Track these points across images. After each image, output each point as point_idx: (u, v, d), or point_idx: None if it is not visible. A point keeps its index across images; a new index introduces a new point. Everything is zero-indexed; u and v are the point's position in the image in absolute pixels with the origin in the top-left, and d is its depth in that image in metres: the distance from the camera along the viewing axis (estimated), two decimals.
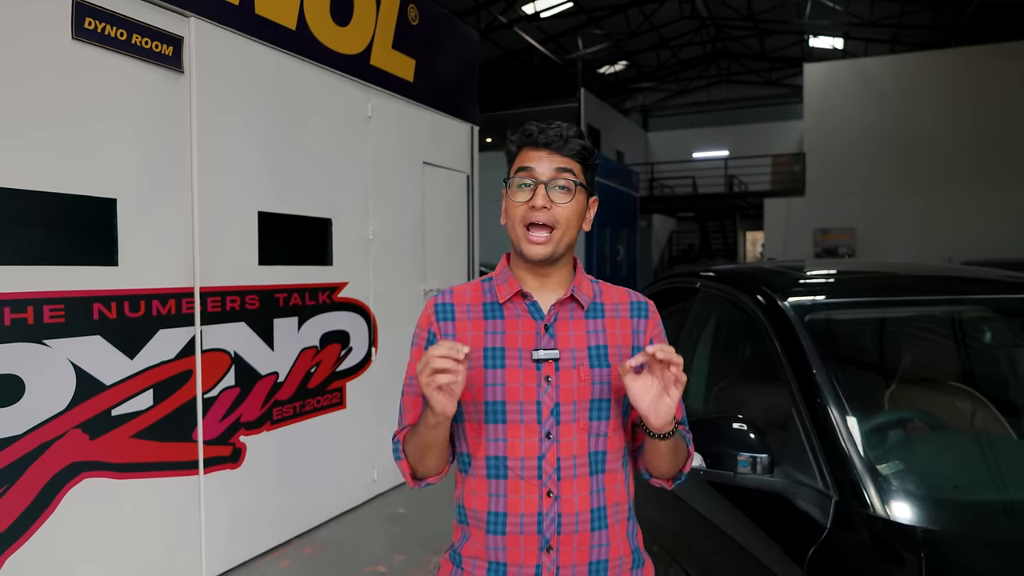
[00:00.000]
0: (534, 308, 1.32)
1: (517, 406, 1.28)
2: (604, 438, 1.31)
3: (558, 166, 1.27)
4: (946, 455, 1.76)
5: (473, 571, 1.31)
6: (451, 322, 1.32)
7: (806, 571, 1.53)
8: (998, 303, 2.24)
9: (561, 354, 1.29)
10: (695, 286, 2.79)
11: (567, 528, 1.28)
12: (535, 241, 1.26)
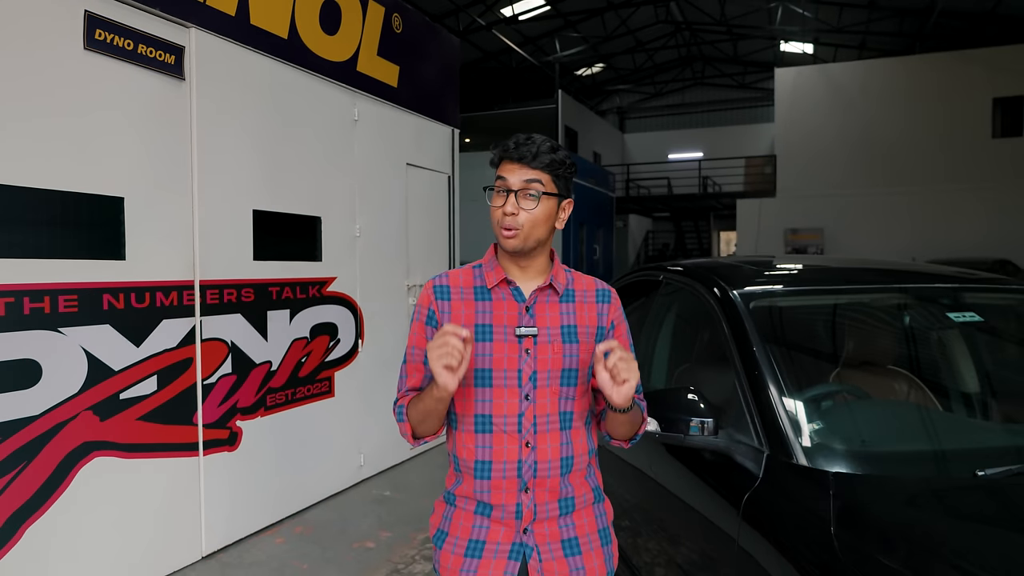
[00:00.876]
0: (517, 293, 1.59)
1: (502, 373, 1.55)
2: (572, 401, 1.59)
3: (527, 177, 1.52)
4: (859, 418, 2.07)
5: (464, 508, 1.58)
6: (447, 301, 1.59)
7: (741, 514, 1.82)
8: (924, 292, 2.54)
9: (539, 332, 1.57)
10: (659, 278, 3.08)
11: (542, 473, 1.55)
12: (507, 237, 1.53)
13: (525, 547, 1.56)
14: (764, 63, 25.07)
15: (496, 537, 1.56)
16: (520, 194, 1.52)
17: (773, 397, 1.95)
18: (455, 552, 1.57)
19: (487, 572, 1.54)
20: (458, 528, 1.58)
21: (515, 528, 1.55)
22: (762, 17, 20.96)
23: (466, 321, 1.56)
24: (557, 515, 1.58)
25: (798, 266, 3.05)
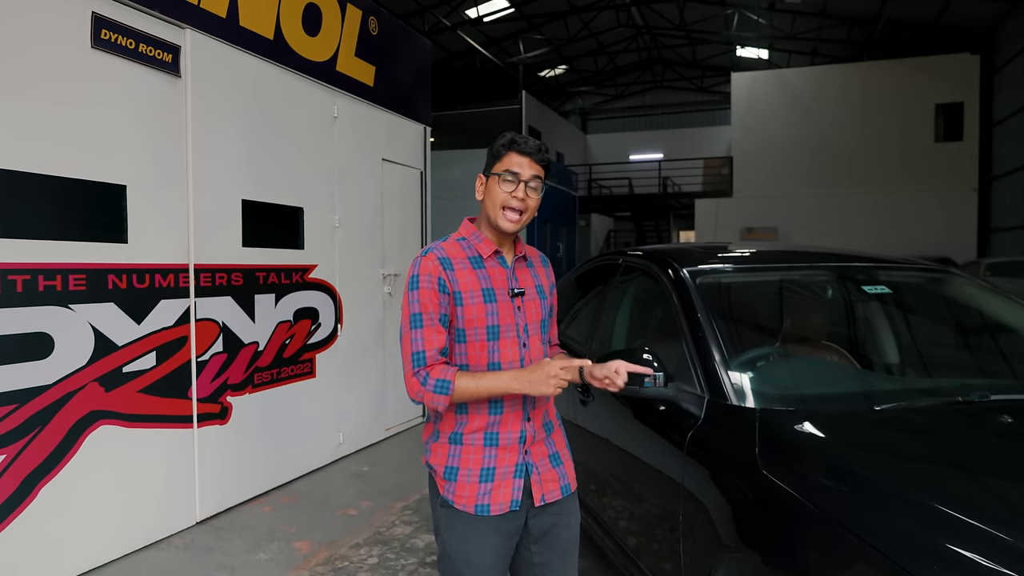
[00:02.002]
0: (503, 261, 1.93)
1: (506, 328, 1.88)
2: (547, 344, 2.00)
3: (535, 171, 1.86)
4: (782, 370, 2.45)
5: (473, 443, 1.88)
6: (453, 271, 1.86)
7: (685, 450, 2.18)
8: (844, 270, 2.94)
9: (525, 291, 1.92)
10: (618, 262, 3.44)
11: (539, 405, 1.93)
12: (510, 220, 1.84)
13: (528, 465, 1.90)
14: (721, 67, 25.82)
15: (504, 462, 1.88)
16: (528, 184, 1.85)
17: (713, 352, 2.31)
18: (470, 481, 1.87)
19: (500, 490, 1.87)
20: (469, 461, 1.88)
21: (518, 451, 1.89)
22: (719, 23, 21.63)
23: (473, 287, 1.85)
24: (544, 437, 1.95)
25: (741, 251, 3.44)
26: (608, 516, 2.93)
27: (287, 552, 3.59)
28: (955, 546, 1.43)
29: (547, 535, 1.96)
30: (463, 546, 1.90)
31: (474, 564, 1.88)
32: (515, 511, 1.88)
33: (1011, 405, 2.13)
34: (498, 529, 1.89)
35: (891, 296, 2.84)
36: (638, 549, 2.60)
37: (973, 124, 19.01)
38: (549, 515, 1.96)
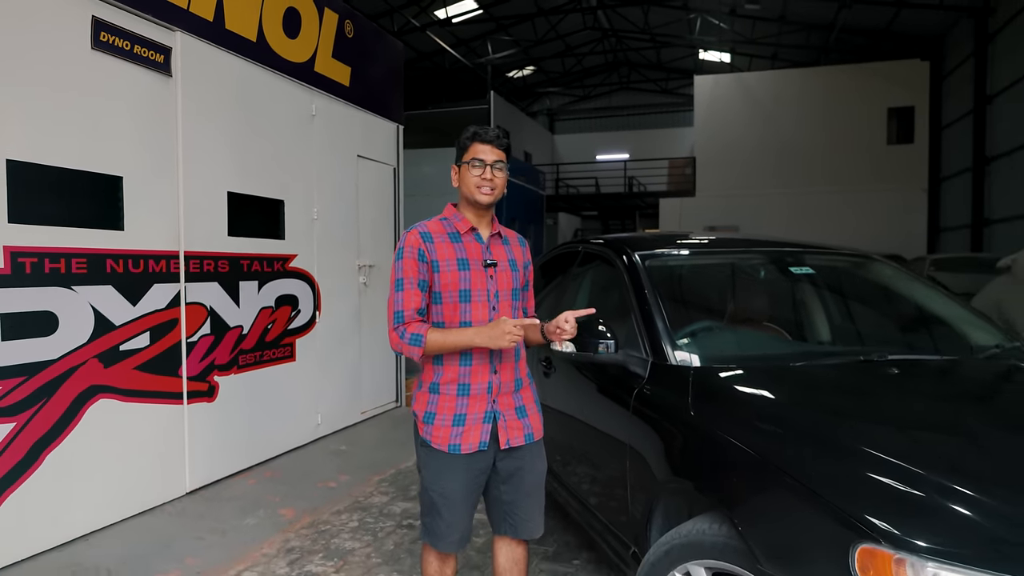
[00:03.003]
0: (478, 236, 2.27)
1: (478, 293, 2.23)
2: (517, 310, 2.32)
3: (497, 156, 2.22)
4: (716, 338, 2.83)
5: (447, 392, 2.23)
6: (432, 244, 2.22)
7: (632, 408, 2.53)
8: (775, 254, 3.33)
9: (498, 262, 2.25)
10: (578, 249, 3.80)
11: (505, 360, 2.27)
12: (485, 194, 2.20)
13: (495, 412, 2.25)
14: (685, 70, 26.43)
15: (474, 409, 2.23)
16: (493, 166, 2.21)
17: (657, 322, 2.67)
18: (444, 424, 2.23)
19: (470, 433, 2.22)
20: (444, 407, 2.24)
21: (487, 400, 2.24)
22: (683, 27, 22.19)
23: (449, 256, 2.22)
24: (512, 391, 2.29)
25: (688, 239, 3.82)
26: (572, 481, 3.26)
27: (273, 518, 3.88)
28: (842, 461, 1.80)
29: (513, 477, 2.31)
30: (437, 480, 2.26)
31: (446, 495, 2.25)
32: (483, 451, 2.24)
33: (902, 362, 2.53)
34: (467, 467, 2.24)
35: (817, 276, 3.24)
36: (599, 506, 2.94)
37: (923, 127, 19.83)
38: (515, 459, 2.30)
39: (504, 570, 2.42)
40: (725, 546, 1.95)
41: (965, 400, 2.33)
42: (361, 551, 3.49)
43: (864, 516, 1.62)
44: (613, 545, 2.73)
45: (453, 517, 2.27)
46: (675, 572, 2.09)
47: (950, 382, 2.48)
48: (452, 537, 2.29)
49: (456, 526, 2.28)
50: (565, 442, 3.36)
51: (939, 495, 1.64)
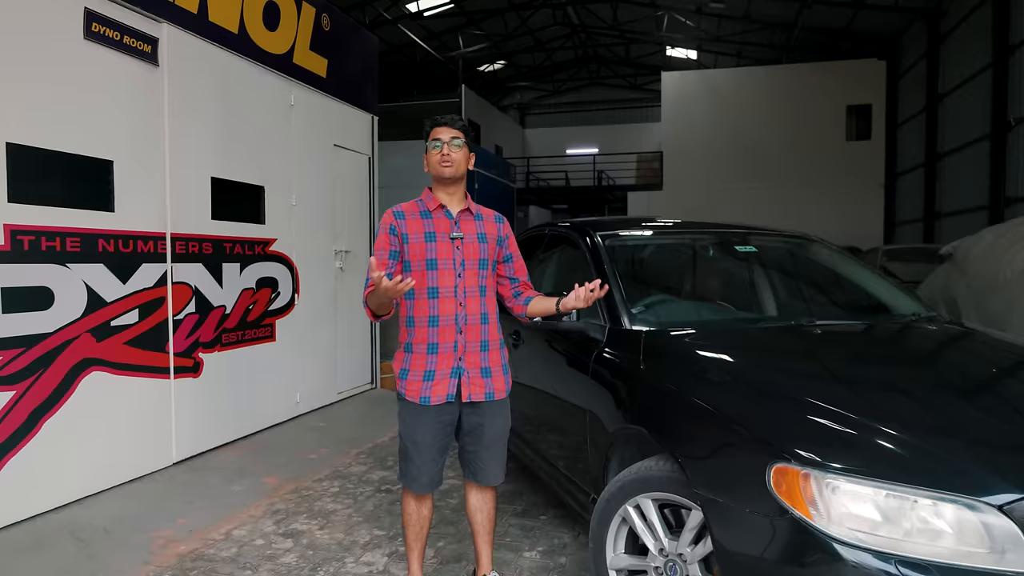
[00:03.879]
0: (448, 213, 2.55)
1: (443, 262, 2.51)
2: (484, 279, 2.59)
3: (452, 134, 2.51)
4: (667, 307, 3.14)
5: (418, 352, 2.52)
6: (404, 220, 2.52)
7: (591, 372, 2.83)
8: (723, 235, 3.65)
9: (464, 235, 2.52)
10: (545, 232, 4.09)
11: (471, 321, 2.53)
12: (445, 166, 2.49)
13: (460, 370, 2.52)
14: (653, 66, 26.89)
15: (442, 365, 2.51)
16: (449, 143, 2.50)
17: (614, 291, 2.97)
18: (415, 379, 2.52)
19: (437, 387, 2.50)
20: (416, 364, 2.53)
21: (453, 358, 2.51)
22: (650, 24, 22.61)
23: (418, 230, 2.50)
24: (479, 351, 2.56)
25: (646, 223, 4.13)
26: (541, 446, 3.54)
27: (258, 485, 4.11)
28: (763, 401, 2.12)
29: (475, 430, 2.61)
30: (409, 428, 2.57)
31: (416, 442, 2.56)
32: (450, 403, 2.53)
33: (827, 327, 2.87)
34: (436, 417, 2.54)
35: (760, 254, 3.57)
36: (564, 463, 3.23)
37: (880, 124, 20.54)
38: (477, 415, 2.59)
39: (475, 509, 2.73)
40: (669, 479, 2.26)
41: (873, 355, 2.68)
42: (343, 511, 3.74)
43: (778, 442, 1.94)
44: (576, 495, 3.02)
45: (422, 461, 2.56)
46: (627, 505, 2.39)
47: (864, 342, 2.83)
48: (422, 480, 2.59)
49: (424, 470, 2.58)
50: (534, 410, 3.65)
51: (838, 424, 1.97)
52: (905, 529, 1.75)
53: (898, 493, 1.77)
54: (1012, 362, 2.65)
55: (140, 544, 3.27)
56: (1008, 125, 13.40)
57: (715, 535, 2.05)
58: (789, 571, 1.85)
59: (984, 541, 1.70)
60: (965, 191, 15.18)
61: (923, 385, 2.37)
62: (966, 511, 1.73)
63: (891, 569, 1.70)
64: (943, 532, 1.74)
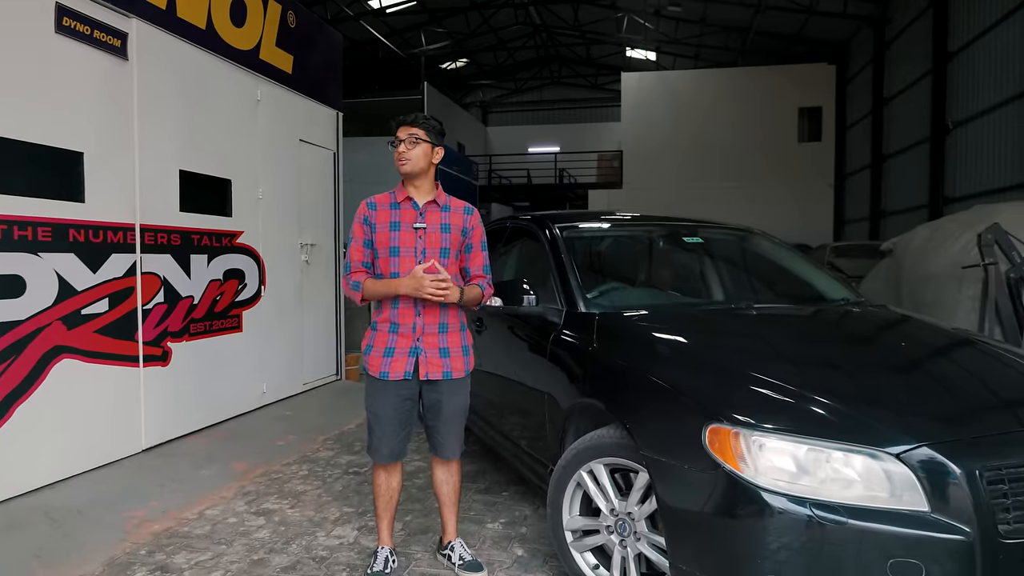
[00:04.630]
0: (414, 204, 2.74)
1: (405, 249, 2.69)
2: (446, 266, 2.76)
3: (410, 132, 2.69)
4: (619, 293, 3.37)
5: (381, 329, 2.71)
6: (375, 211, 2.72)
7: (548, 354, 3.04)
8: (673, 227, 3.90)
9: (426, 226, 2.71)
10: (507, 225, 4.29)
11: (429, 305, 2.71)
12: (401, 164, 2.69)
13: (418, 349, 2.71)
14: (614, 67, 27.31)
15: (401, 344, 2.70)
16: (407, 141, 2.69)
17: (570, 278, 3.18)
18: (377, 355, 2.72)
19: (396, 363, 2.69)
20: (379, 341, 2.73)
21: (412, 338, 2.70)
22: (611, 25, 22.98)
23: (385, 220, 2.70)
24: (436, 333, 2.75)
25: (602, 216, 4.37)
26: (505, 428, 3.74)
27: (227, 470, 4.23)
28: (701, 371, 2.36)
29: (434, 406, 2.81)
30: (372, 401, 2.78)
31: (377, 414, 2.76)
32: (408, 380, 2.72)
33: (764, 310, 3.13)
34: (396, 392, 2.73)
35: (706, 245, 3.83)
36: (525, 441, 3.43)
37: (830, 126, 21.23)
38: (435, 392, 2.79)
39: (440, 482, 2.93)
40: (619, 445, 2.48)
41: (802, 333, 2.96)
42: (312, 492, 3.90)
43: (713, 407, 2.18)
44: (536, 469, 3.23)
45: (383, 433, 2.76)
46: (581, 471, 2.61)
47: (795, 323, 3.10)
48: (383, 450, 2.78)
49: (385, 441, 2.77)
50: (497, 395, 3.85)
51: (766, 390, 2.22)
52: (821, 478, 2.00)
53: (815, 447, 2.02)
54: (919, 338, 2.96)
55: (114, 524, 3.38)
56: (946, 129, 14.03)
57: (659, 493, 2.28)
58: (722, 519, 2.09)
59: (885, 486, 1.96)
60: (908, 191, 15.84)
61: (842, 357, 2.64)
62: (871, 460, 1.98)
63: (807, 512, 1.94)
64: (853, 480, 1.99)
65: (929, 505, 1.93)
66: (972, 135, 13.09)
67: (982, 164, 12.72)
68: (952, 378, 2.55)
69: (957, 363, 2.73)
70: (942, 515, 1.92)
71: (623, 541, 2.50)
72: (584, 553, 2.67)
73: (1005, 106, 11.80)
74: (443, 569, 2.95)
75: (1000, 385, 2.49)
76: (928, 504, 1.93)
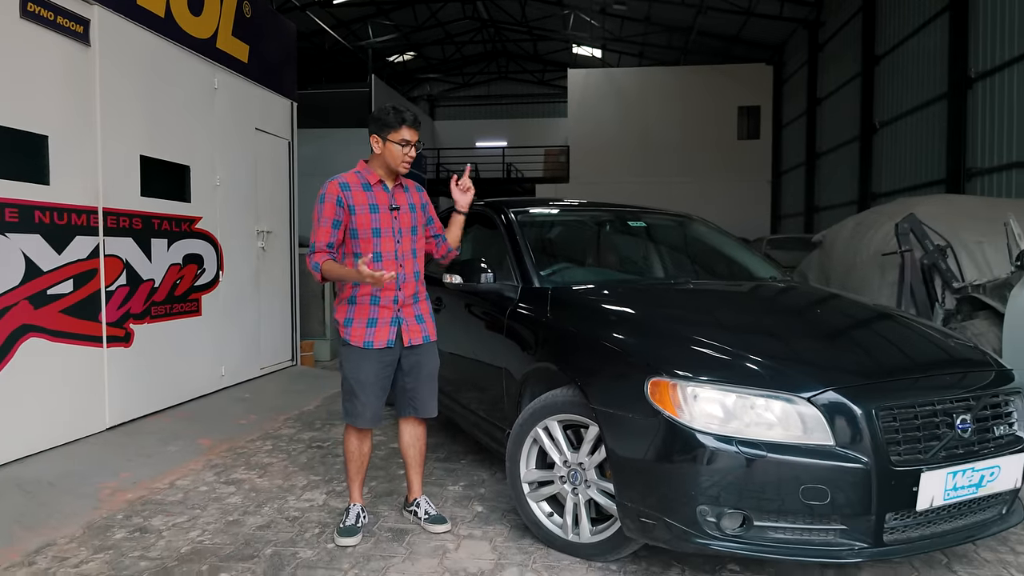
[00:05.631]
0: (385, 187, 2.96)
1: (385, 230, 2.93)
2: (416, 242, 3.02)
3: (418, 137, 2.92)
4: (568, 270, 3.67)
5: (362, 302, 2.92)
6: (349, 192, 2.90)
7: (505, 328, 3.30)
8: (618, 212, 4.21)
9: (400, 207, 2.94)
10: None
11: (408, 280, 2.97)
12: (405, 166, 2.90)
13: (399, 319, 2.95)
14: (561, 63, 27.71)
15: (383, 315, 2.93)
16: (416, 146, 2.92)
17: (525, 257, 3.45)
18: (359, 326, 2.93)
19: (380, 332, 2.91)
20: (360, 314, 2.94)
21: (393, 310, 2.94)
22: (558, 22, 23.36)
23: (363, 202, 2.90)
24: (412, 303, 2.99)
25: (555, 202, 4.66)
26: (464, 399, 3.98)
27: (193, 445, 4.36)
28: (644, 334, 2.66)
29: (414, 368, 3.04)
30: (354, 368, 2.97)
31: (361, 380, 2.96)
32: (390, 348, 2.95)
33: (700, 285, 3.47)
34: (378, 359, 2.95)
35: (649, 229, 4.16)
36: (483, 409, 3.69)
37: (768, 125, 22.10)
38: (415, 355, 3.02)
39: (408, 444, 3.16)
40: (571, 403, 2.77)
41: (734, 304, 3.31)
42: (278, 464, 4.08)
43: (654, 363, 2.48)
44: (494, 434, 3.49)
45: (367, 398, 2.96)
46: (537, 428, 2.88)
47: (727, 296, 3.46)
48: (366, 415, 2.99)
49: (369, 406, 2.98)
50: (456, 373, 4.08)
51: (700, 348, 2.54)
52: (746, 421, 2.32)
53: (741, 395, 2.34)
54: (833, 307, 3.36)
55: (88, 494, 3.51)
56: (874, 128, 14.84)
57: (607, 442, 2.57)
58: (662, 459, 2.39)
59: (799, 425, 2.29)
60: (839, 187, 16.68)
61: (766, 323, 2.99)
62: (787, 404, 2.31)
63: (735, 449, 2.26)
64: (772, 422, 2.32)
65: (834, 440, 2.28)
66: (898, 134, 13.90)
67: (906, 162, 13.53)
68: (857, 337, 2.93)
69: (863, 326, 3.11)
70: (845, 448, 2.27)
71: (575, 489, 2.79)
72: (540, 502, 2.95)
73: (927, 107, 12.59)
74: (410, 524, 3.19)
75: (899, 343, 2.88)
76: (833, 439, 2.28)
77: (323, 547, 2.96)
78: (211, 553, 2.90)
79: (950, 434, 2.39)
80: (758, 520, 2.31)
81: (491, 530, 3.13)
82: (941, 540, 2.48)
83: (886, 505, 2.29)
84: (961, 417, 2.42)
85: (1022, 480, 2.58)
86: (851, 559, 2.33)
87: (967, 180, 11.26)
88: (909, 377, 2.54)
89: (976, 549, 2.93)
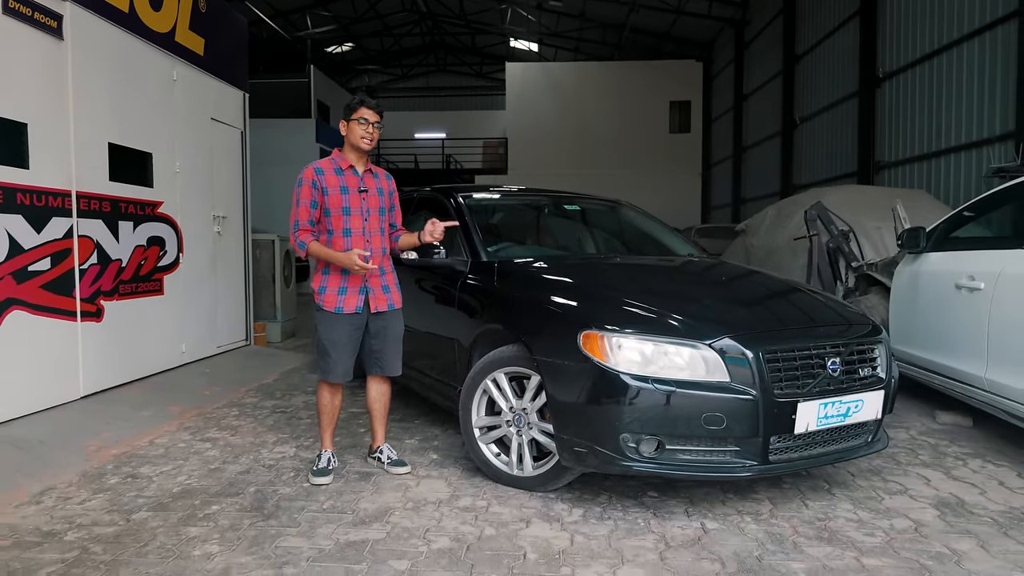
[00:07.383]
0: (355, 171, 3.41)
1: (355, 209, 3.38)
2: (383, 222, 3.49)
3: (376, 119, 3.36)
4: (511, 247, 4.19)
5: (334, 272, 3.37)
6: (323, 176, 3.35)
7: (456, 300, 3.80)
8: (554, 197, 4.75)
9: (368, 189, 3.39)
10: (413, 196, 5.00)
11: (376, 254, 3.41)
12: (366, 144, 3.33)
13: (367, 288, 3.41)
14: (498, 56, 28.22)
15: (353, 285, 3.39)
16: (374, 125, 3.35)
17: (474, 234, 3.96)
18: (331, 294, 3.38)
19: (349, 299, 3.37)
20: (332, 283, 3.39)
21: (361, 280, 3.39)
22: (495, 16, 23.84)
23: (334, 184, 3.34)
24: (379, 275, 3.45)
25: (498, 188, 5.17)
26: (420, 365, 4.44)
27: (165, 411, 4.71)
28: (577, 295, 3.20)
29: (380, 332, 3.50)
30: (327, 330, 3.43)
31: (333, 340, 3.42)
32: (359, 313, 3.42)
33: (626, 259, 4.05)
34: (349, 323, 3.42)
35: (582, 212, 4.72)
36: (437, 372, 4.17)
37: (698, 119, 23.13)
38: (382, 320, 3.49)
39: (374, 400, 3.63)
40: (517, 357, 3.29)
41: (655, 274, 3.89)
42: (248, 426, 4.48)
43: (586, 319, 3.02)
44: (447, 393, 3.98)
45: (338, 356, 3.42)
46: (486, 380, 3.39)
47: (650, 268, 4.04)
48: (338, 371, 3.44)
49: (340, 363, 3.44)
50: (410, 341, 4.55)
51: (623, 306, 3.09)
52: (661, 365, 2.88)
53: (656, 344, 2.90)
54: (743, 278, 3.97)
55: (76, 450, 3.85)
56: (794, 124, 15.88)
57: (547, 389, 3.10)
58: (593, 398, 2.93)
59: (702, 366, 2.87)
60: (763, 179, 17.73)
61: (681, 288, 3.58)
62: (693, 350, 2.88)
63: (652, 386, 2.82)
64: (682, 365, 2.88)
65: (730, 378, 2.86)
66: (815, 129, 14.94)
67: (823, 155, 14.58)
68: (758, 300, 3.56)
69: (766, 293, 3.74)
70: (737, 383, 2.85)
71: (519, 431, 3.31)
72: (489, 444, 3.46)
73: (841, 104, 13.61)
74: (374, 468, 3.66)
75: (793, 306, 3.51)
76: (729, 376, 2.86)
77: (300, 486, 3.40)
78: (200, 492, 3.31)
79: (823, 373, 3.01)
80: (669, 444, 2.88)
81: (446, 472, 3.63)
82: (816, 460, 3.11)
83: (770, 429, 2.88)
84: (832, 360, 3.04)
85: (882, 412, 3.21)
86: (743, 474, 2.93)
87: (876, 172, 12.29)
88: (792, 329, 3.16)
89: (854, 478, 3.56)
